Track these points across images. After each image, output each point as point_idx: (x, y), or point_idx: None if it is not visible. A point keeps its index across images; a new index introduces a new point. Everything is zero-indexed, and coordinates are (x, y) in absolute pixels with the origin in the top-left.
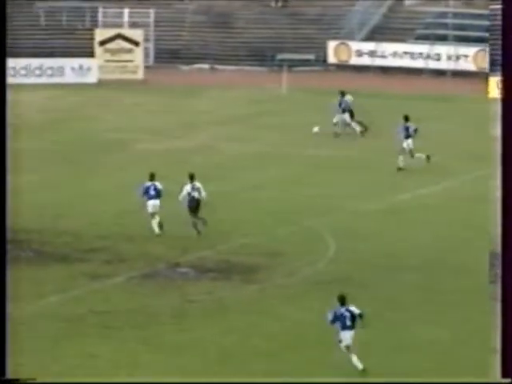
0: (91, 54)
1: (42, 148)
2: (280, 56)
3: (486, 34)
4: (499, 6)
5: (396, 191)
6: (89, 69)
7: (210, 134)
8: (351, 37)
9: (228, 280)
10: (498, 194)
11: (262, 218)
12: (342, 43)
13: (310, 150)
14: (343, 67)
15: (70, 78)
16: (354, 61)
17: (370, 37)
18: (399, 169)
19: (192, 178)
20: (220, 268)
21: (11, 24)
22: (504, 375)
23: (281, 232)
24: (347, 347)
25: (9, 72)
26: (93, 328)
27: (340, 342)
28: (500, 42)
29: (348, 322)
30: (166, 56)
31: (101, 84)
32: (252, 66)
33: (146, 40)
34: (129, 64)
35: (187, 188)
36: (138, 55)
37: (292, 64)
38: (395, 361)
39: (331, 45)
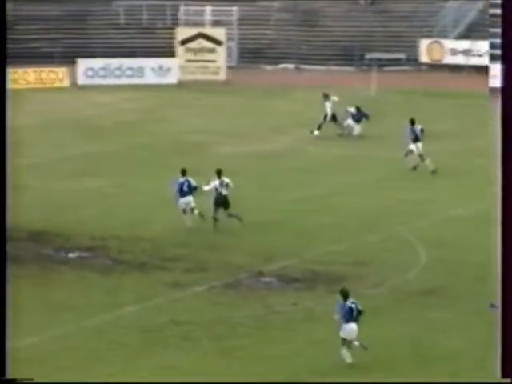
0: (172, 54)
1: (119, 151)
2: (369, 55)
3: None
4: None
5: (485, 198)
6: (169, 69)
7: (295, 136)
8: (445, 35)
9: (313, 290)
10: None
11: (349, 225)
12: (435, 41)
13: (398, 154)
14: (436, 67)
15: (149, 78)
16: (448, 60)
17: (465, 34)
18: (414, 168)
19: (219, 173)
20: (305, 277)
21: (89, 23)
22: (504, 375)
23: (368, 239)
24: (343, 340)
25: (87, 73)
26: (171, 339)
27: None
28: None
29: (354, 314)
30: (250, 56)
31: (181, 85)
32: (339, 66)
33: (229, 39)
34: (210, 64)
35: (215, 183)
36: (220, 55)
37: (381, 63)
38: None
39: (423, 43)
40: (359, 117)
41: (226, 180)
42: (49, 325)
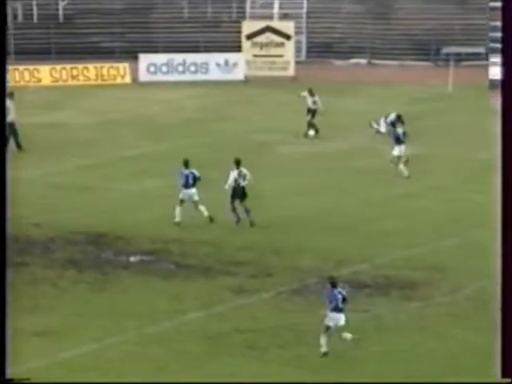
0: (238, 49)
1: (181, 151)
2: (446, 49)
3: None
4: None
5: None
6: (235, 64)
7: (367, 135)
8: None
9: (386, 296)
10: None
11: (422, 229)
12: None
13: (479, 154)
14: None
15: (214, 74)
16: None
17: None
18: (407, 178)
19: (238, 163)
20: (376, 283)
21: (151, 17)
22: (504, 375)
23: (443, 244)
24: (327, 327)
25: (149, 68)
26: (236, 347)
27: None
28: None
29: (340, 305)
30: (320, 50)
31: (248, 81)
32: (414, 61)
33: (298, 33)
34: (278, 59)
35: (234, 174)
36: (288, 49)
37: (459, 58)
38: None
39: None
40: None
41: (244, 171)
42: (109, 332)
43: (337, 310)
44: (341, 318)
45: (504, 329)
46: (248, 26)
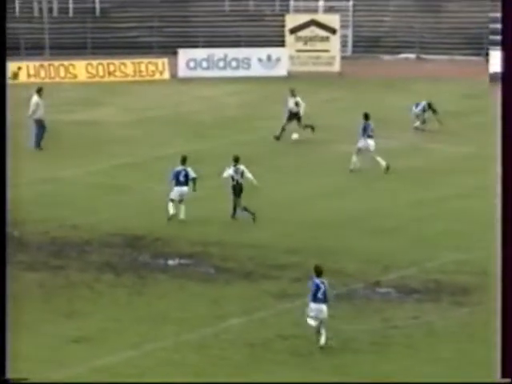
0: (281, 44)
1: (222, 149)
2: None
3: None
4: None
5: None
6: (278, 60)
7: (415, 133)
8: None
9: (436, 302)
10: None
11: (475, 231)
12: None
13: None
14: None
15: (256, 70)
16: None
17: None
18: (351, 171)
19: (237, 160)
20: (426, 288)
21: (191, 10)
22: (504, 375)
23: (497, 247)
24: (311, 318)
25: (189, 64)
26: (279, 354)
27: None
28: None
29: (320, 295)
30: (366, 45)
31: (291, 77)
32: (466, 56)
33: (344, 26)
34: (323, 54)
35: (230, 171)
36: (334, 44)
37: None
38: None
39: None
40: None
41: (242, 167)
42: (146, 338)
43: (316, 300)
44: (321, 309)
45: (504, 329)
46: (292, 20)
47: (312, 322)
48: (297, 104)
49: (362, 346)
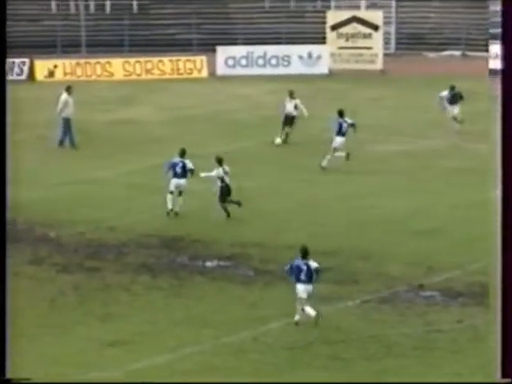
0: (322, 41)
1: (261, 150)
2: None
3: None
4: None
5: None
6: (319, 57)
7: (460, 133)
8: None
9: (481, 306)
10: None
11: None
12: None
13: None
14: None
15: (296, 68)
16: None
17: None
18: (323, 168)
19: (220, 161)
20: (472, 291)
21: (230, 7)
22: (504, 375)
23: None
24: (300, 300)
25: (228, 62)
26: (319, 359)
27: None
28: None
29: (302, 276)
30: (410, 42)
31: (332, 75)
32: None
33: (387, 23)
34: (365, 51)
35: (219, 172)
36: (376, 41)
37: None
38: None
39: None
40: (454, 98)
41: (227, 168)
42: (184, 341)
43: (299, 281)
44: (302, 290)
45: (504, 329)
46: (333, 16)
47: (310, 311)
48: (296, 107)
49: (405, 350)
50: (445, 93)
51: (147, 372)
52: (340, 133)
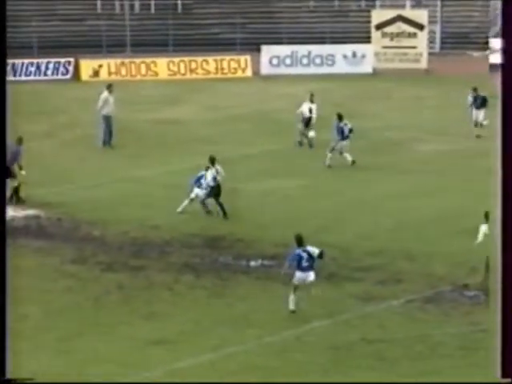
0: (366, 40)
1: (304, 149)
2: None
3: None
4: None
5: None
6: (363, 56)
7: None
8: None
9: None
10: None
11: None
12: None
13: None
14: None
15: (341, 67)
16: None
17: None
18: (329, 166)
19: (213, 161)
20: None
21: (274, 6)
22: (504, 375)
23: None
24: (295, 287)
25: (272, 61)
26: (364, 359)
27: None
28: None
29: (304, 263)
30: (455, 41)
31: (377, 74)
32: None
33: (432, 22)
34: (410, 51)
35: (213, 172)
36: (421, 40)
37: None
38: None
39: None
40: (477, 101)
41: (219, 168)
42: (227, 341)
43: (300, 268)
44: (308, 276)
45: (504, 329)
46: (378, 16)
47: (291, 298)
48: (310, 111)
49: (450, 350)
50: (469, 98)
51: (190, 371)
52: (344, 137)
